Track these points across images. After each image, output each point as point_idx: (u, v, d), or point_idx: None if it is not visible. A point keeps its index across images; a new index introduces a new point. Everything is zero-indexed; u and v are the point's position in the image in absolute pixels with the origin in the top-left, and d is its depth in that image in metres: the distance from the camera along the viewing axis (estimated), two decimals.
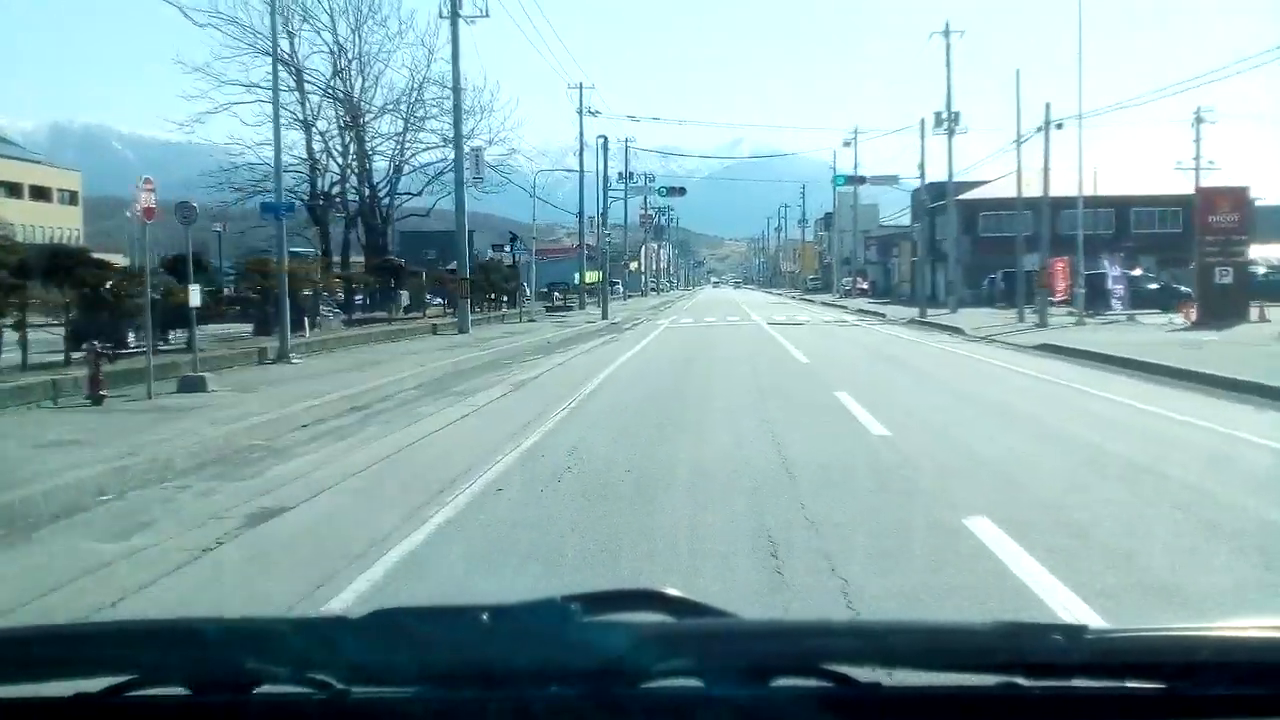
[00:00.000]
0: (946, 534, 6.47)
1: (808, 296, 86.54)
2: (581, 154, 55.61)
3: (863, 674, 1.38)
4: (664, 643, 1.40)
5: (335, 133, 39.76)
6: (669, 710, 1.38)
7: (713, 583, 5.37)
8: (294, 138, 38.42)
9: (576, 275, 75.11)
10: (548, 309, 51.96)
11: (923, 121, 41.51)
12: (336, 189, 40.15)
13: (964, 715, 1.40)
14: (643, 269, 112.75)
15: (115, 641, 1.57)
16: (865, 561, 5.84)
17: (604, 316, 43.65)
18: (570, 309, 54.65)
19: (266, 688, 1.42)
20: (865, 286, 76.68)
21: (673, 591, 1.50)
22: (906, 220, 78.74)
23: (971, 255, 63.47)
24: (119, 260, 25.16)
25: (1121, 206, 63.90)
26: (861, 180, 43.65)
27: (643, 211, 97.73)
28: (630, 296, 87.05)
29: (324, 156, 39.50)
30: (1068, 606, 4.96)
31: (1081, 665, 1.37)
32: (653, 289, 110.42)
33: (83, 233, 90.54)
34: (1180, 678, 1.37)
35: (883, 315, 45.45)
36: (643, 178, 54.34)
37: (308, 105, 37.95)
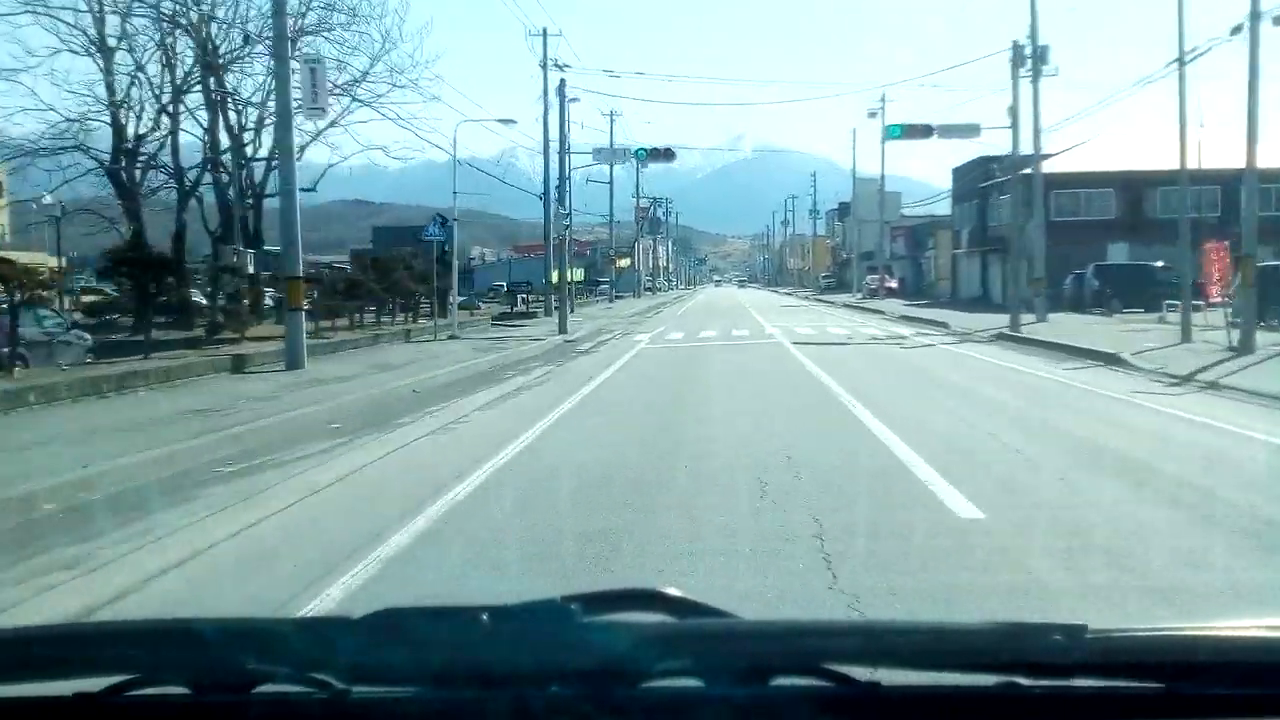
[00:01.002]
0: None
1: (823, 297, 73.37)
2: (546, 117, 42.52)
3: (862, 674, 1.36)
4: (664, 642, 1.39)
5: (157, 60, 26.52)
6: (669, 710, 1.37)
7: None
8: (90, 72, 25.46)
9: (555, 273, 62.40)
10: (498, 319, 38.91)
11: (1015, 46, 28.04)
12: (157, 141, 26.92)
13: (964, 715, 1.38)
14: (637, 266, 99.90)
15: (116, 641, 1.56)
16: None
17: (560, 330, 30.49)
18: (533, 316, 41.52)
19: (267, 687, 1.40)
20: (894, 285, 63.38)
21: (672, 591, 1.48)
22: (933, 211, 65.52)
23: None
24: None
25: (1229, 183, 50.03)
26: (928, 131, 30.08)
27: (635, 199, 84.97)
28: (621, 297, 74.23)
29: (133, 94, 26.34)
30: None
31: (1082, 665, 1.35)
32: (648, 289, 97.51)
33: (8, 228, 76.86)
34: (1180, 678, 1.36)
35: (944, 325, 32.29)
36: (625, 148, 39.91)
37: (104, 19, 24.80)
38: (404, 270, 30.62)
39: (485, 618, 1.38)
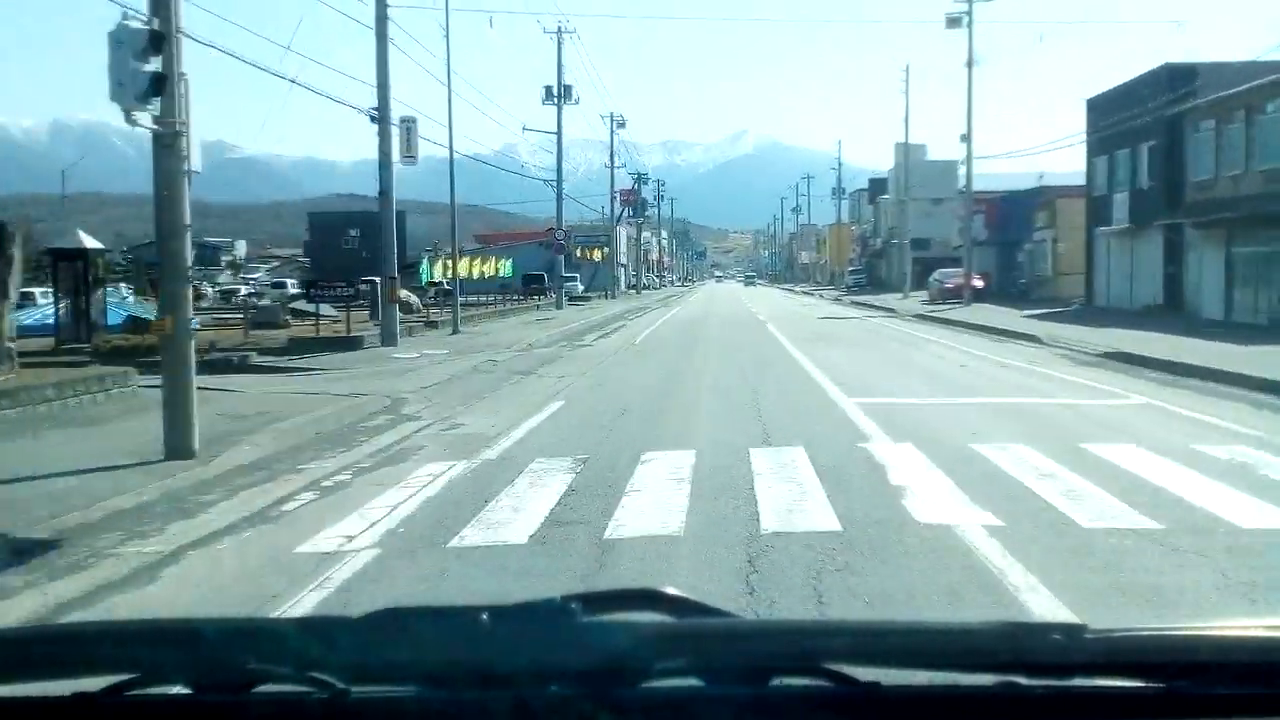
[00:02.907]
0: None
1: (861, 299, 50.43)
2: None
3: (862, 673, 1.34)
4: (664, 642, 1.38)
5: None
6: (669, 709, 1.35)
7: None
8: None
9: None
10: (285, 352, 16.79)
11: None
12: None
13: (964, 715, 1.37)
14: (621, 258, 77.06)
15: (115, 641, 1.53)
16: None
17: (170, 440, 7.23)
18: (352, 348, 18.39)
19: (267, 687, 1.39)
20: (979, 284, 40.37)
21: (672, 591, 1.46)
22: (999, 186, 42.67)
23: None
24: None
25: None
26: None
27: (609, 168, 62.64)
28: (585, 298, 51.91)
29: None
30: None
31: (1082, 665, 1.34)
32: (631, 286, 74.57)
33: None
34: (1180, 678, 1.34)
35: None
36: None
37: None
38: None
39: (485, 617, 1.36)
